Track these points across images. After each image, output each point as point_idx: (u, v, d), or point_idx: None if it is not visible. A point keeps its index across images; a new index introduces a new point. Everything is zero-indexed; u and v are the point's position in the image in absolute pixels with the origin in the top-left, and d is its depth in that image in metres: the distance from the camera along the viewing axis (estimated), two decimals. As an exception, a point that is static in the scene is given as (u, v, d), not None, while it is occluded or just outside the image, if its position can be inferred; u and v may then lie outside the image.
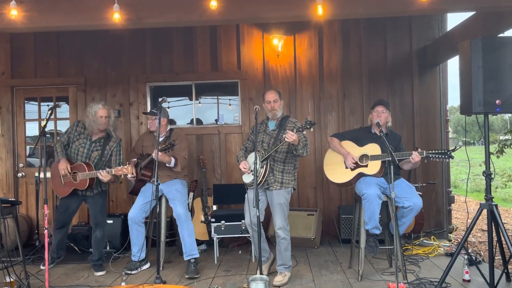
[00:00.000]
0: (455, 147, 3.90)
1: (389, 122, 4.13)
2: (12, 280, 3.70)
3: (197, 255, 4.27)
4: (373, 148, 4.02)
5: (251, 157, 4.05)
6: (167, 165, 4.31)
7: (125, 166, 4.15)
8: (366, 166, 4.01)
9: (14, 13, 3.41)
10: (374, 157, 3.98)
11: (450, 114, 5.99)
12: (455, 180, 13.13)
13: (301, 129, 3.71)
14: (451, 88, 5.93)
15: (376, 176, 3.97)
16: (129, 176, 4.47)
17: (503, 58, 3.48)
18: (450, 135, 6.40)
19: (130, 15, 3.57)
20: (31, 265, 4.57)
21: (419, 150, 3.84)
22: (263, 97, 4.14)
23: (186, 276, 4.12)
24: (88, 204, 4.50)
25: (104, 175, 4.17)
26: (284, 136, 3.72)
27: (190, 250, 4.23)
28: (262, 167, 3.89)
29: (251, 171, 3.92)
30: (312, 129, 3.76)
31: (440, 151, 3.79)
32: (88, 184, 4.26)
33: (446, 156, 3.75)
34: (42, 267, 4.37)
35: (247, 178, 4.02)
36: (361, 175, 4.02)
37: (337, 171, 4.15)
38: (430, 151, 3.81)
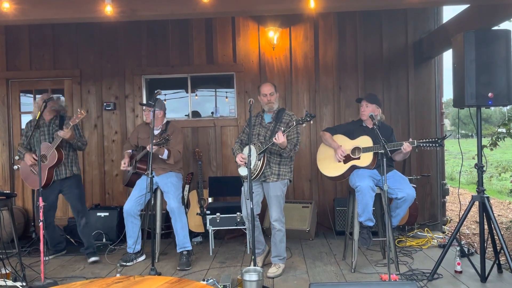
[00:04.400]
0: (445, 135, 3.92)
1: (378, 115, 4.13)
2: (8, 272, 3.73)
3: (190, 248, 4.31)
4: (364, 141, 4.04)
5: (246, 149, 4.07)
6: (160, 156, 4.33)
7: (78, 112, 4.14)
8: (359, 158, 4.03)
9: (6, 5, 3.41)
10: (366, 149, 4.00)
11: (448, 106, 6.00)
12: (452, 172, 13.16)
13: (301, 121, 3.71)
14: (448, 81, 5.93)
15: (368, 168, 3.99)
16: (122, 167, 4.48)
17: (496, 51, 3.49)
18: (448, 128, 6.42)
19: (123, 8, 3.57)
20: (28, 257, 4.62)
21: (410, 139, 3.87)
22: (259, 89, 4.14)
23: (178, 268, 4.17)
24: (65, 196, 4.52)
25: (63, 132, 4.16)
26: (279, 128, 3.72)
27: (183, 243, 4.28)
28: (259, 160, 3.90)
29: (251, 161, 3.93)
30: (312, 122, 3.76)
31: (430, 139, 3.81)
32: (57, 157, 4.26)
33: (437, 145, 3.77)
34: (46, 258, 4.37)
35: (243, 171, 4.02)
36: (354, 167, 4.04)
37: (330, 165, 4.17)
38: (421, 140, 3.83)
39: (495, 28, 3.97)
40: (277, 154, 3.99)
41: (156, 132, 4.49)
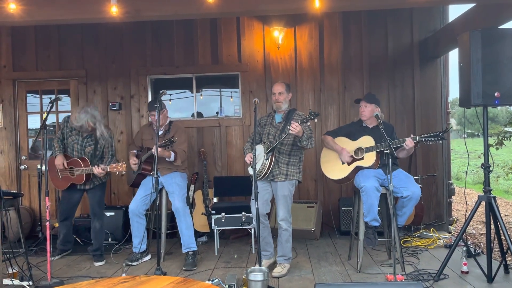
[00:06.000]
0: (447, 127, 3.89)
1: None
2: (14, 271, 3.76)
3: (195, 248, 4.32)
4: (366, 141, 4.03)
5: (257, 149, 4.08)
6: (167, 159, 4.35)
7: (120, 164, 4.22)
8: (362, 158, 4.02)
9: (12, 6, 3.43)
10: (368, 149, 3.99)
11: (454, 106, 5.97)
12: (458, 172, 13.09)
13: (305, 120, 3.74)
14: (454, 80, 5.90)
15: (373, 167, 3.98)
16: (132, 164, 4.51)
17: (502, 50, 3.47)
18: (454, 127, 6.36)
19: (127, 8, 3.57)
20: (34, 257, 4.64)
21: (412, 135, 3.85)
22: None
23: (184, 268, 4.18)
24: (88, 195, 4.58)
25: (98, 171, 4.23)
26: (288, 127, 3.73)
27: (188, 243, 4.29)
28: (267, 159, 3.91)
29: (259, 160, 3.94)
30: (316, 120, 3.77)
31: (432, 133, 3.78)
32: (85, 179, 4.34)
33: (439, 138, 3.75)
34: (52, 258, 4.38)
35: (252, 170, 4.03)
36: (358, 168, 4.03)
37: (334, 168, 4.16)
38: (423, 135, 3.81)
39: (502, 27, 3.94)
40: (286, 154, 4.00)
41: (159, 133, 4.50)
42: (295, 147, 3.98)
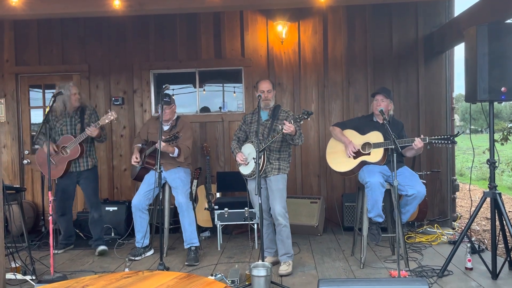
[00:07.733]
0: (458, 132, 3.87)
1: (390, 110, 4.10)
2: (17, 265, 3.76)
3: (197, 244, 4.31)
4: (375, 136, 3.99)
5: (245, 148, 4.04)
6: (170, 155, 4.33)
7: (108, 114, 4.26)
8: (369, 154, 3.99)
9: (14, -1, 3.42)
10: (376, 145, 3.96)
11: (458, 102, 5.93)
12: (461, 168, 13.04)
13: (299, 119, 3.70)
14: (459, 76, 5.87)
15: (379, 164, 3.95)
16: (134, 161, 4.49)
17: (509, 45, 3.44)
18: (458, 123, 6.33)
19: (131, 2, 3.56)
20: (37, 251, 4.64)
21: (422, 136, 3.81)
22: (257, 85, 4.06)
23: (186, 263, 4.17)
24: (81, 186, 4.59)
25: (92, 130, 4.27)
26: (281, 127, 3.70)
27: (190, 239, 4.28)
28: (259, 158, 3.87)
29: (252, 160, 3.91)
30: (309, 119, 3.74)
31: (442, 136, 3.75)
32: (80, 150, 4.36)
33: (449, 142, 3.71)
34: (55, 251, 4.36)
35: (245, 170, 4.01)
36: (364, 163, 4.00)
37: (339, 160, 4.13)
38: (433, 137, 3.77)
39: (509, 21, 3.89)
40: (276, 150, 3.97)
41: (165, 127, 4.48)
42: (284, 143, 3.95)
